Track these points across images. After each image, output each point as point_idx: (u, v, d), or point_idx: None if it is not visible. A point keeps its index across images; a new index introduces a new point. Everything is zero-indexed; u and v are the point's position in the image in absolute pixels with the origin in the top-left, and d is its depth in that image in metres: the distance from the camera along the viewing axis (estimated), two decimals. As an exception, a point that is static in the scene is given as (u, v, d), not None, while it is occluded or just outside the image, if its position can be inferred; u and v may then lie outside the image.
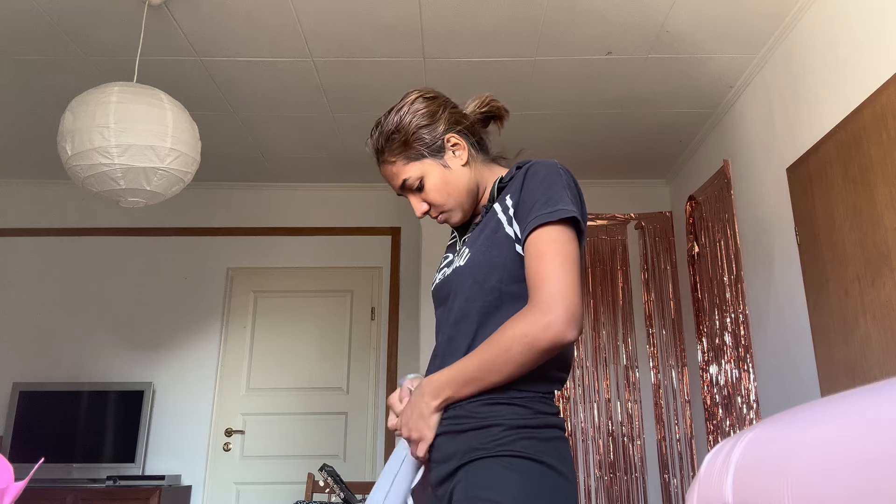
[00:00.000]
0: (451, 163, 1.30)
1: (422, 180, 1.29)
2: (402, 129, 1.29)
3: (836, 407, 0.50)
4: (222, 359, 4.24)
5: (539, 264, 1.11)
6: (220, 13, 2.69)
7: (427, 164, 1.29)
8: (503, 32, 2.83)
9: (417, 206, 1.32)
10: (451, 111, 1.33)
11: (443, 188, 1.29)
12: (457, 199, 1.31)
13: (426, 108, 1.31)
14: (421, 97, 1.32)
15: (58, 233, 4.38)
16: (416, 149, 1.28)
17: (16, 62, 3.04)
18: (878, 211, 2.12)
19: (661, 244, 4.29)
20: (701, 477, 0.63)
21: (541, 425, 1.11)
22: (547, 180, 1.18)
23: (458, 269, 1.23)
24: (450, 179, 1.29)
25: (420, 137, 1.28)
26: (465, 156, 1.31)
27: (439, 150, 1.29)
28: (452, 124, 1.31)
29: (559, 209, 1.13)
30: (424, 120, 1.29)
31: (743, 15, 2.70)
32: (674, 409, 4.04)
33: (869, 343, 2.17)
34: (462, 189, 1.30)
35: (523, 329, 1.07)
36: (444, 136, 1.29)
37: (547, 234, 1.12)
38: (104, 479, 3.66)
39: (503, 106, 1.39)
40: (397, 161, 1.30)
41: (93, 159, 2.22)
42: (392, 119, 1.31)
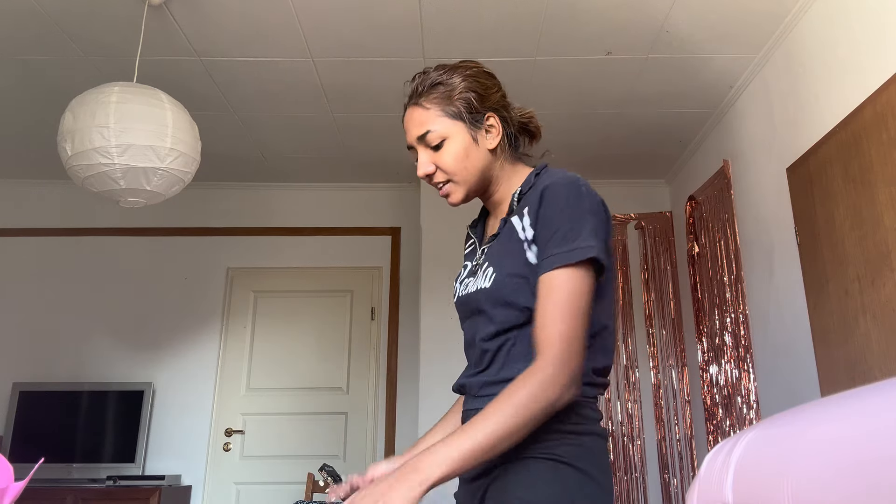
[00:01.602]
0: (480, 140, 1.25)
1: (444, 140, 1.23)
2: (451, 84, 1.24)
3: (836, 407, 0.50)
4: (222, 359, 4.24)
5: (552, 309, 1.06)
6: (220, 13, 2.69)
7: (458, 127, 1.23)
8: (503, 32, 2.83)
9: (425, 164, 1.25)
10: (503, 96, 1.30)
11: (462, 158, 1.23)
12: (468, 176, 1.25)
13: (483, 79, 1.28)
14: (480, 70, 1.29)
15: (58, 233, 4.38)
16: (457, 107, 1.23)
17: (16, 62, 3.04)
18: (878, 211, 2.12)
19: (661, 244, 4.29)
20: (701, 477, 0.63)
21: (583, 432, 1.11)
22: (568, 206, 1.11)
23: (483, 290, 1.19)
24: (471, 154, 1.24)
25: (466, 99, 1.23)
26: (495, 141, 1.26)
27: (476, 122, 1.24)
28: (499, 107, 1.28)
29: (577, 248, 1.07)
30: (477, 87, 1.25)
31: (743, 15, 2.70)
32: (674, 409, 4.04)
33: (869, 343, 2.17)
34: (478, 169, 1.25)
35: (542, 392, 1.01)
36: (486, 112, 1.25)
37: (560, 278, 1.07)
38: (104, 479, 3.66)
39: (541, 127, 1.38)
40: (432, 109, 1.24)
41: (93, 159, 2.22)
42: (445, 72, 1.26)
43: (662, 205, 4.38)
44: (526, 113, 1.35)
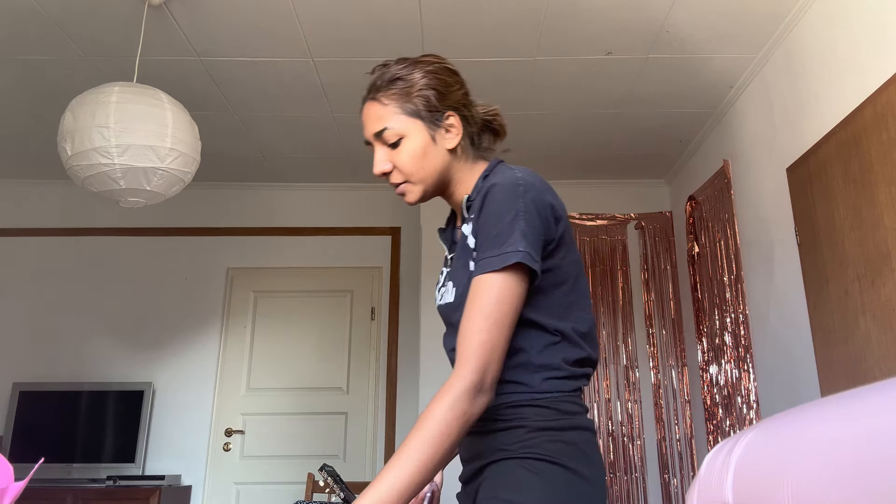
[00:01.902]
0: (439, 139, 1.21)
1: (402, 139, 1.19)
2: (411, 79, 1.20)
3: (836, 407, 0.50)
4: (222, 359, 4.24)
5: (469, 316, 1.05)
6: (220, 13, 2.69)
7: (416, 125, 1.19)
8: (503, 32, 2.83)
9: (381, 162, 1.22)
10: (465, 94, 1.26)
11: (419, 158, 1.19)
12: (425, 176, 1.21)
13: (444, 76, 1.24)
14: (442, 65, 1.25)
15: (58, 233, 4.38)
16: (416, 104, 1.19)
17: (16, 62, 3.04)
18: (878, 211, 2.12)
19: (661, 244, 4.29)
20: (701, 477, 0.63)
21: (566, 427, 1.10)
22: (500, 209, 1.09)
23: (449, 304, 1.19)
24: (429, 153, 1.20)
25: (425, 96, 1.20)
26: (455, 141, 1.22)
27: (435, 120, 1.20)
28: (460, 105, 1.24)
29: (502, 254, 1.05)
30: (437, 84, 1.21)
31: (743, 15, 2.70)
32: (674, 409, 4.04)
33: (869, 343, 2.17)
34: (436, 170, 1.21)
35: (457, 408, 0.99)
36: (446, 110, 1.21)
37: (484, 284, 1.06)
38: (104, 479, 3.66)
39: (505, 125, 1.34)
40: (390, 105, 1.20)
41: (93, 159, 2.22)
42: (405, 67, 1.22)
43: (662, 205, 4.38)
44: (490, 110, 1.31)
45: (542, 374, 1.12)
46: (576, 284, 1.18)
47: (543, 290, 1.13)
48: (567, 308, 1.15)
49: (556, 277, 1.14)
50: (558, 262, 1.14)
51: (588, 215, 4.34)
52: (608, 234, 4.33)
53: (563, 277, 1.15)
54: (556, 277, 1.14)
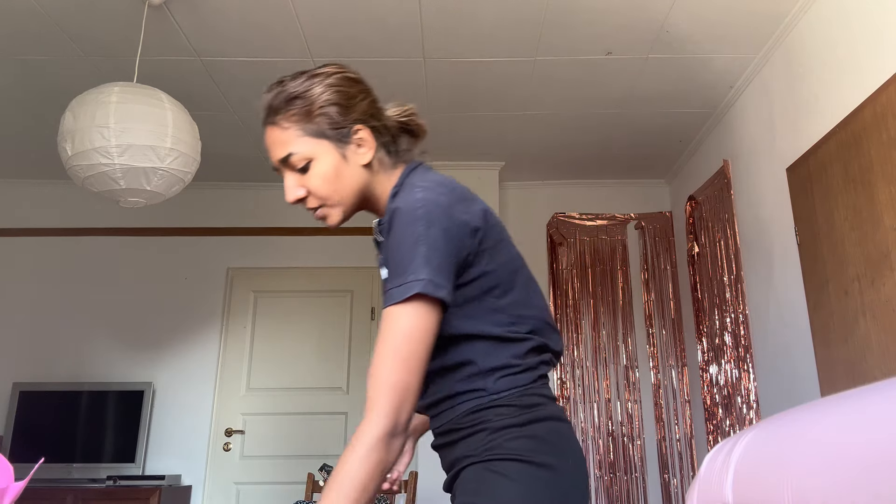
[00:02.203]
0: (351, 156, 1.14)
1: (310, 162, 1.13)
2: (308, 96, 1.12)
3: (836, 407, 0.50)
4: (222, 359, 4.24)
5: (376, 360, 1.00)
6: (221, 13, 2.69)
7: (323, 147, 1.12)
8: (503, 32, 2.83)
9: (292, 189, 1.15)
10: (371, 103, 1.17)
11: (332, 180, 1.13)
12: (342, 198, 1.15)
13: (346, 87, 1.15)
14: (342, 75, 1.16)
15: (58, 233, 4.38)
16: (319, 124, 1.12)
17: (16, 62, 3.04)
18: (878, 211, 2.12)
19: (661, 244, 4.29)
20: (701, 477, 0.63)
21: (528, 421, 1.07)
22: (401, 237, 1.04)
23: None
24: (343, 173, 1.14)
25: (327, 114, 1.12)
26: (368, 156, 1.15)
27: (343, 138, 1.13)
28: (368, 117, 1.15)
29: (402, 284, 1.01)
30: (338, 98, 1.13)
31: (743, 15, 2.70)
32: (674, 409, 4.04)
33: (869, 343, 2.17)
34: (353, 189, 1.15)
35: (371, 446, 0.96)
36: (353, 124, 1.13)
37: (389, 319, 1.01)
38: (104, 479, 3.66)
39: (423, 125, 1.25)
40: (291, 128, 1.12)
41: (93, 159, 2.22)
42: (301, 82, 1.13)
43: (662, 205, 4.38)
44: (405, 111, 1.23)
45: (495, 375, 1.09)
46: (512, 285, 1.14)
47: (476, 298, 1.10)
48: (504, 311, 1.12)
49: (485, 284, 1.11)
50: (484, 269, 1.10)
51: (588, 215, 4.34)
52: (608, 234, 4.33)
53: (493, 282, 1.11)
54: (485, 284, 1.11)
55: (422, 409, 1.19)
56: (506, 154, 4.05)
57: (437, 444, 1.19)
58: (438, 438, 1.18)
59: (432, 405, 1.16)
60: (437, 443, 1.19)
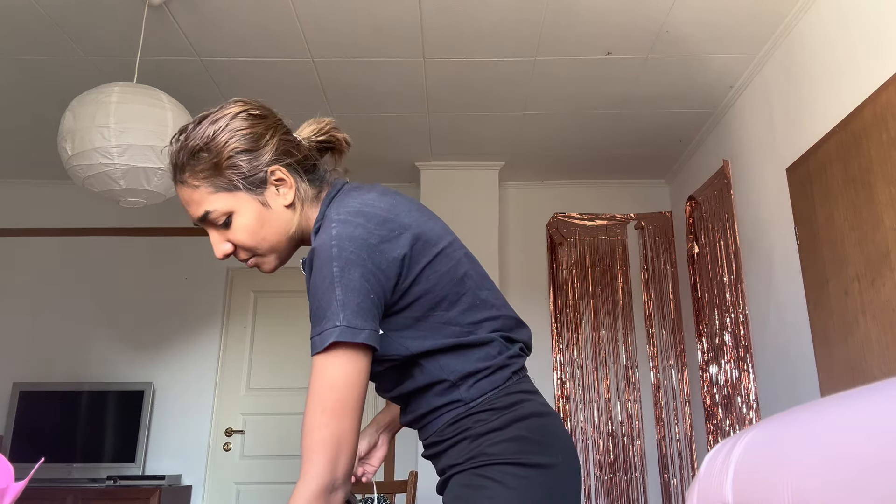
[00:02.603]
0: (271, 201, 1.07)
1: (230, 216, 1.06)
2: (213, 148, 1.05)
3: (836, 407, 0.50)
4: (222, 359, 4.24)
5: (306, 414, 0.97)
6: (221, 13, 2.69)
7: (240, 199, 1.06)
8: (503, 32, 2.83)
9: (219, 245, 1.08)
10: (282, 137, 1.10)
11: (257, 230, 1.07)
12: (271, 244, 1.09)
13: (249, 128, 1.08)
14: (245, 113, 1.10)
15: (58, 233, 4.38)
16: (229, 177, 1.05)
17: (16, 62, 3.04)
18: (878, 211, 2.12)
19: (661, 244, 4.29)
20: (701, 477, 0.63)
21: (508, 422, 1.06)
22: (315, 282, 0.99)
23: None
24: (267, 220, 1.07)
25: (236, 164, 1.05)
26: (290, 195, 1.08)
27: (259, 184, 1.06)
28: (281, 154, 1.08)
29: (321, 333, 0.96)
30: (245, 143, 1.06)
31: (743, 15, 2.70)
32: (674, 409, 4.04)
33: (869, 343, 2.17)
34: (280, 233, 1.09)
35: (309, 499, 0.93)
36: (267, 167, 1.06)
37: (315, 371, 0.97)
38: (104, 479, 3.66)
39: (345, 138, 1.19)
40: (201, 186, 1.05)
41: (93, 159, 2.22)
42: (204, 131, 1.06)
43: (662, 205, 4.38)
44: (322, 128, 1.16)
45: (468, 382, 1.08)
46: (459, 294, 1.09)
47: (423, 317, 1.07)
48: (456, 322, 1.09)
49: (428, 302, 1.07)
50: (423, 288, 1.06)
51: (588, 215, 4.34)
52: (608, 234, 4.33)
53: (437, 298, 1.07)
54: (428, 302, 1.07)
55: (407, 424, 1.19)
56: (506, 154, 4.05)
57: (426, 454, 1.20)
58: (427, 450, 1.19)
59: (414, 421, 1.16)
60: (426, 453, 1.20)
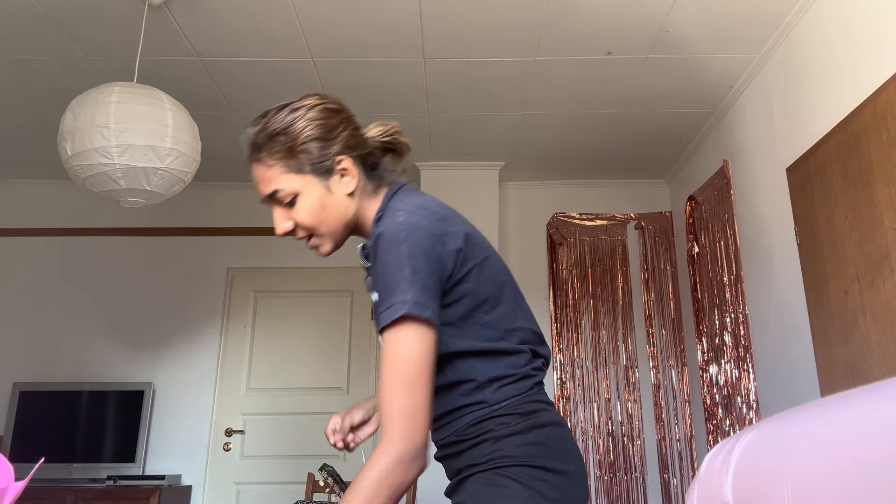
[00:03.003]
0: (335, 187, 1.17)
1: (295, 196, 1.16)
2: (290, 132, 1.15)
3: (835, 407, 0.50)
4: (222, 359, 4.24)
5: (381, 382, 1.03)
6: (220, 13, 2.69)
7: (307, 182, 1.15)
8: (503, 32, 2.83)
9: (281, 222, 1.18)
10: (352, 132, 1.20)
11: (318, 212, 1.16)
12: (330, 228, 1.18)
13: (324, 119, 1.17)
14: (323, 106, 1.19)
15: (58, 233, 4.38)
16: (300, 160, 1.15)
17: (16, 62, 3.04)
18: (878, 211, 2.12)
19: (661, 244, 4.29)
20: (701, 477, 0.63)
21: (529, 428, 1.11)
22: (385, 260, 1.06)
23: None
24: (328, 205, 1.17)
25: (308, 150, 1.15)
26: (352, 185, 1.18)
27: (326, 171, 1.16)
28: (349, 147, 1.18)
29: (391, 306, 1.03)
30: (319, 132, 1.16)
31: (743, 15, 2.70)
32: (674, 409, 4.04)
33: (869, 343, 2.17)
34: (339, 219, 1.18)
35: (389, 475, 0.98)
36: (335, 156, 1.16)
37: (387, 345, 1.04)
38: (104, 479, 3.66)
39: (407, 142, 1.28)
40: (275, 166, 1.15)
41: (93, 159, 2.22)
42: (284, 117, 1.17)
43: (662, 205, 4.38)
44: (387, 131, 1.26)
45: (494, 385, 1.13)
46: (499, 300, 1.16)
47: (464, 316, 1.13)
48: (493, 326, 1.14)
49: (472, 302, 1.13)
50: (470, 287, 1.12)
51: (588, 215, 4.34)
52: (608, 234, 4.33)
53: (480, 299, 1.14)
54: (472, 302, 1.13)
55: None
56: (506, 154, 4.05)
57: (440, 455, 1.21)
58: (442, 450, 1.20)
59: (434, 419, 1.18)
60: (440, 454, 1.21)
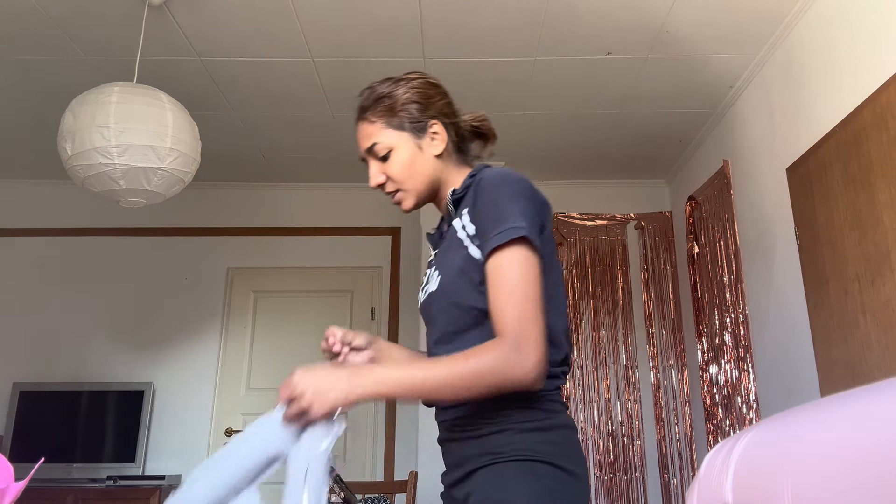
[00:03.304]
0: (425, 147, 1.29)
1: (391, 151, 1.28)
2: (394, 96, 1.29)
3: (835, 407, 0.50)
4: (222, 359, 4.24)
5: (499, 295, 1.08)
6: (220, 13, 2.69)
7: (403, 137, 1.28)
8: (503, 32, 2.83)
9: (375, 175, 1.31)
10: (447, 103, 1.33)
11: (408, 167, 1.28)
12: (416, 183, 1.29)
13: (424, 88, 1.31)
14: (423, 80, 1.33)
15: (58, 233, 4.38)
16: (400, 118, 1.28)
17: (16, 62, 3.04)
18: (878, 211, 2.12)
19: (661, 244, 4.29)
20: (701, 477, 0.63)
21: (551, 426, 1.12)
22: (498, 192, 1.15)
23: (431, 293, 1.23)
24: (417, 161, 1.28)
25: (408, 110, 1.28)
26: (440, 147, 1.29)
27: (420, 131, 1.28)
28: (441, 114, 1.31)
29: (508, 228, 1.09)
30: (418, 97, 1.29)
31: (743, 15, 2.70)
32: (674, 409, 4.04)
33: (869, 343, 2.17)
34: (425, 176, 1.29)
35: (501, 366, 1.04)
36: (429, 119, 1.29)
37: (500, 260, 1.09)
38: (104, 479, 3.66)
39: (494, 130, 1.40)
40: (377, 122, 1.29)
41: (93, 159, 2.22)
42: (389, 85, 1.31)
43: (662, 205, 4.38)
44: (478, 117, 1.38)
45: None
46: (558, 280, 1.21)
47: None
48: (549, 301, 1.15)
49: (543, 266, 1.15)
50: (546, 256, 1.16)
51: (588, 215, 4.34)
52: (608, 234, 4.33)
53: (547, 268, 1.16)
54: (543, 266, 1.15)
55: None
56: (506, 154, 4.05)
57: (447, 436, 1.19)
58: (450, 431, 1.18)
59: None
60: (447, 436, 1.19)
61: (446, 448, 1.20)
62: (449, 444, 1.19)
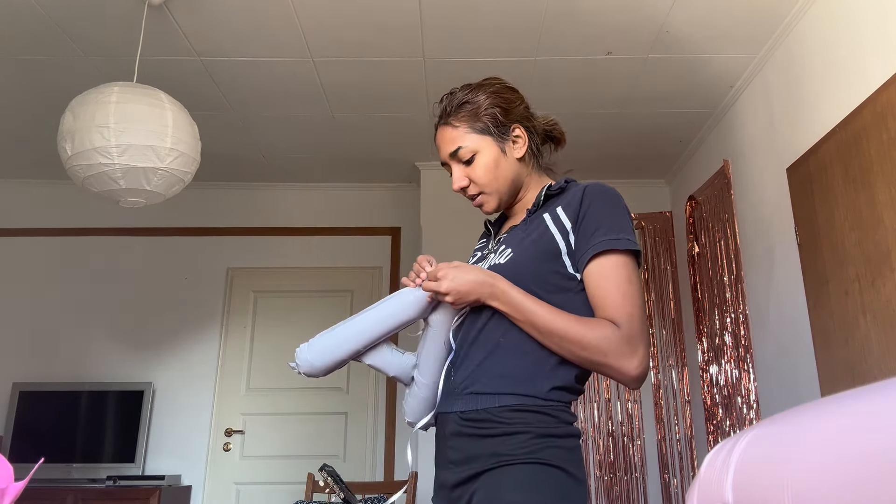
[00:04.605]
0: (508, 151, 1.33)
1: (475, 155, 1.31)
2: (477, 101, 1.33)
3: (835, 407, 0.50)
4: (222, 359, 4.24)
5: (614, 289, 1.15)
6: (220, 13, 2.68)
7: (487, 142, 1.31)
8: (503, 32, 2.83)
9: (459, 178, 1.33)
10: (525, 108, 1.39)
11: (492, 170, 1.31)
12: (499, 186, 1.33)
13: (505, 93, 1.36)
14: (502, 85, 1.38)
15: (58, 233, 4.38)
16: (484, 123, 1.31)
17: (16, 62, 3.04)
18: (878, 211, 2.12)
19: (661, 244, 4.28)
20: (701, 477, 0.63)
21: (564, 434, 1.15)
22: (613, 206, 1.23)
23: (496, 265, 1.25)
24: (501, 164, 1.32)
25: (492, 114, 1.32)
26: (522, 151, 1.34)
27: (503, 135, 1.32)
28: (523, 119, 1.36)
29: (626, 239, 1.18)
30: (501, 102, 1.33)
31: (743, 15, 2.70)
32: (674, 409, 4.04)
33: (869, 343, 2.17)
34: (508, 179, 1.33)
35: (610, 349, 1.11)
36: (512, 124, 1.33)
37: (615, 261, 1.16)
38: (104, 479, 3.66)
39: (564, 133, 1.45)
40: (461, 127, 1.32)
41: (93, 159, 2.22)
42: (470, 91, 1.35)
43: (662, 205, 4.38)
44: (549, 121, 1.43)
45: (551, 383, 1.16)
46: None
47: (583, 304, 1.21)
48: None
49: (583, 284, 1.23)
50: None
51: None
52: (608, 234, 4.32)
53: None
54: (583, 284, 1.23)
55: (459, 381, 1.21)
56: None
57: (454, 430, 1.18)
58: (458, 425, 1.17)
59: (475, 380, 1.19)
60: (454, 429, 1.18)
61: (451, 443, 1.19)
62: (456, 438, 1.18)
